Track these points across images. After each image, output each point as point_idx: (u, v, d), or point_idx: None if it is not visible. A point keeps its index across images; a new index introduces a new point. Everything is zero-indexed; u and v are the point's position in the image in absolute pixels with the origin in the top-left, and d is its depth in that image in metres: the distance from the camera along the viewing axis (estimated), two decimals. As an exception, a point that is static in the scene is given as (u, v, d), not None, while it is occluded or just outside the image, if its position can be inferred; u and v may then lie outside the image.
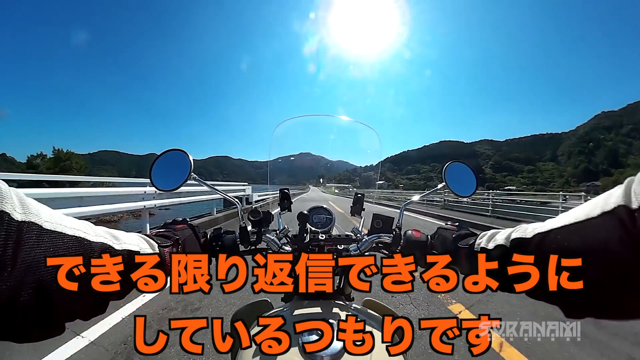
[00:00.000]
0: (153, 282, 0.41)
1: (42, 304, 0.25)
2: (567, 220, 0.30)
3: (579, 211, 0.29)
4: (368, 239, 0.64)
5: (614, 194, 0.26)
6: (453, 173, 0.65)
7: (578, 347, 1.88)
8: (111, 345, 1.77)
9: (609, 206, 0.26)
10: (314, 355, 0.42)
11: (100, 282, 0.30)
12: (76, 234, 0.29)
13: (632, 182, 0.25)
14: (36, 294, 0.24)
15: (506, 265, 0.36)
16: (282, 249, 0.63)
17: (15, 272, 0.22)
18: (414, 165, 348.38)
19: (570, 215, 0.30)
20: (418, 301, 2.58)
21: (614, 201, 0.25)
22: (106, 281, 0.31)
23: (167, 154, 0.62)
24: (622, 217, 0.24)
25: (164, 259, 0.44)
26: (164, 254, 0.44)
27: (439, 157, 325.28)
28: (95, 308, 0.32)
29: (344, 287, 0.75)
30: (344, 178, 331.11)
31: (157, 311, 2.27)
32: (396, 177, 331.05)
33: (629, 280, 0.25)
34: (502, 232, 0.41)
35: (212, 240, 0.58)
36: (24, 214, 0.24)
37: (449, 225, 0.58)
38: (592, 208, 0.27)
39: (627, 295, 0.25)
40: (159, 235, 0.49)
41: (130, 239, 0.38)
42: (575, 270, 0.28)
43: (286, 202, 0.77)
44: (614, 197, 0.26)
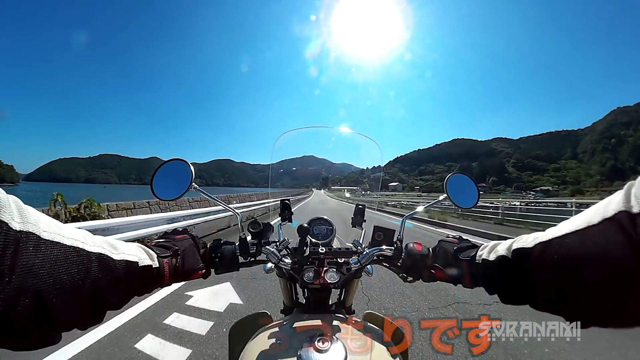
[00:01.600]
0: (150, 292, 0.43)
1: (39, 312, 0.25)
2: (568, 228, 0.30)
3: (580, 219, 0.29)
4: (369, 252, 0.64)
5: (614, 199, 0.26)
6: (454, 184, 0.66)
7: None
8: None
9: (609, 212, 0.26)
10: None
11: (97, 292, 0.31)
12: (74, 244, 0.30)
13: (633, 186, 0.25)
14: (34, 302, 0.25)
15: (509, 276, 0.37)
16: (281, 261, 0.65)
17: (13, 281, 0.23)
18: (427, 165, 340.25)
19: (571, 224, 0.30)
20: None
21: (615, 207, 0.26)
22: (104, 291, 0.32)
23: (169, 163, 0.64)
24: (623, 223, 0.24)
25: (163, 270, 0.45)
26: (162, 265, 0.45)
27: (454, 156, 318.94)
28: (93, 318, 0.33)
29: (344, 300, 0.76)
30: (351, 180, 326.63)
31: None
32: (409, 177, 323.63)
33: (633, 287, 0.25)
34: (503, 243, 0.42)
35: (212, 251, 0.60)
36: (22, 223, 0.24)
37: (450, 237, 0.59)
38: (593, 215, 0.28)
39: (631, 302, 0.26)
40: (159, 245, 0.50)
41: (128, 249, 0.39)
42: (577, 279, 0.28)
43: (287, 213, 0.78)
44: (614, 203, 0.26)
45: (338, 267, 0.63)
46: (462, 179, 0.68)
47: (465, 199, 0.66)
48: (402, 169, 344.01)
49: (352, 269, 0.63)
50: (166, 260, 0.47)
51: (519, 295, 0.37)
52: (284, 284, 0.76)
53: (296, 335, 0.52)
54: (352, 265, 0.64)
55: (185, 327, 2.25)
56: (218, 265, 0.60)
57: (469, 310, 2.62)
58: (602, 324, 0.28)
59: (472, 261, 0.48)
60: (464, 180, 0.68)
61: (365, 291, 3.03)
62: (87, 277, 0.30)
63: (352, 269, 0.63)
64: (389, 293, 3.04)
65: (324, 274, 0.60)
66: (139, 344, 2.01)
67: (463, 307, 2.71)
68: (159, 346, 1.98)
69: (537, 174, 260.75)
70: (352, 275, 0.66)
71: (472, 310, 2.65)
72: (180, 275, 0.51)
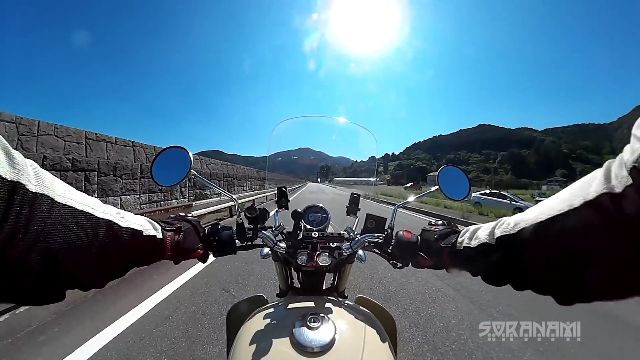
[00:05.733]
0: (150, 264, 0.50)
1: (48, 269, 0.29)
2: (549, 212, 0.32)
3: (559, 201, 0.31)
4: (360, 238, 0.71)
5: (594, 181, 0.28)
6: (446, 177, 0.73)
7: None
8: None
9: (590, 195, 0.28)
10: (305, 346, 0.48)
11: (103, 256, 0.36)
12: (85, 209, 0.34)
13: (612, 165, 0.27)
14: (44, 260, 0.28)
15: (491, 261, 0.41)
16: (277, 245, 0.72)
17: (26, 238, 0.26)
18: (456, 152, 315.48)
19: (552, 207, 0.32)
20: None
21: (595, 189, 0.27)
22: (109, 255, 0.37)
23: (168, 150, 0.70)
24: (604, 206, 0.26)
25: (165, 242, 0.50)
26: (165, 237, 0.50)
27: (485, 142, 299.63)
28: (96, 280, 0.37)
29: (337, 284, 0.84)
30: (360, 170, 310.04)
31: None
32: (431, 166, 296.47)
33: (617, 265, 0.27)
34: (483, 229, 0.45)
35: (210, 235, 0.66)
36: (38, 186, 0.28)
37: (432, 224, 0.65)
38: (573, 198, 0.30)
39: (616, 279, 0.28)
40: (164, 222, 0.56)
41: (135, 219, 0.44)
42: (560, 263, 0.31)
43: (283, 200, 0.86)
44: (594, 185, 0.28)
45: (330, 251, 0.70)
46: (453, 172, 0.74)
47: (457, 191, 0.73)
48: (418, 157, 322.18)
49: (344, 253, 0.71)
50: (169, 233, 0.52)
51: (501, 278, 0.40)
52: (279, 268, 0.84)
53: (289, 315, 0.59)
54: (344, 250, 0.71)
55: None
56: (216, 248, 0.65)
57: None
58: (589, 300, 0.31)
59: (453, 248, 0.53)
60: (455, 172, 0.74)
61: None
62: (95, 240, 0.34)
63: (344, 254, 0.71)
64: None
65: (316, 258, 0.68)
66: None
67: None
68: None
69: (590, 165, 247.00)
70: (345, 260, 0.74)
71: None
72: (180, 251, 0.55)
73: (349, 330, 0.54)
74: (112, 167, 6.54)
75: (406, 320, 2.44)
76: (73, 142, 5.90)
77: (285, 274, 0.85)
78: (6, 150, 0.26)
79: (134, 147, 7.69)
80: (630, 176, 0.25)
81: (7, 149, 0.26)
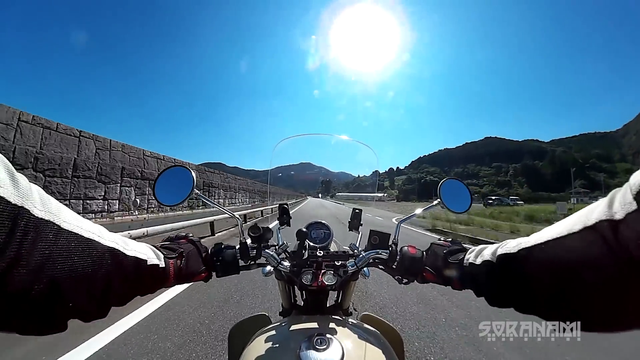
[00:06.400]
0: (153, 292, 0.50)
1: (51, 298, 0.28)
2: (549, 235, 0.33)
3: (562, 226, 0.32)
4: (365, 255, 0.71)
5: (597, 208, 0.29)
6: (448, 190, 0.74)
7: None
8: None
9: (590, 221, 0.29)
10: None
11: (107, 285, 0.35)
12: (91, 237, 0.33)
13: (617, 193, 0.27)
14: (47, 288, 0.28)
15: (494, 280, 0.42)
16: (280, 264, 0.72)
17: (30, 266, 0.25)
18: (465, 166, 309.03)
19: (554, 230, 0.33)
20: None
21: (596, 216, 0.28)
22: (113, 285, 0.36)
23: (170, 170, 0.71)
24: (603, 232, 0.27)
25: (168, 270, 0.51)
26: (168, 265, 0.51)
27: (494, 155, 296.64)
28: (98, 310, 0.36)
29: (341, 302, 0.83)
30: (364, 184, 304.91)
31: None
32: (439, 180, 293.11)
33: (614, 293, 0.27)
34: (489, 248, 0.46)
35: (213, 255, 0.66)
36: (44, 211, 0.28)
37: (441, 241, 0.65)
38: (575, 223, 0.31)
39: (612, 307, 0.28)
40: (165, 247, 0.56)
41: (139, 247, 0.44)
42: (558, 285, 0.31)
43: (285, 217, 0.87)
44: (596, 212, 0.29)
45: (335, 269, 0.70)
46: (455, 184, 0.75)
47: (458, 204, 0.74)
48: (429, 171, 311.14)
49: (349, 271, 0.70)
50: (172, 261, 0.53)
51: (504, 299, 0.41)
52: (282, 287, 0.84)
53: (295, 336, 0.58)
54: (349, 268, 0.71)
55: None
56: (219, 269, 0.66)
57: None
58: (585, 329, 0.32)
59: (460, 264, 0.53)
60: (457, 185, 0.75)
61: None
62: (100, 269, 0.34)
63: (349, 272, 0.70)
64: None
65: (321, 277, 0.68)
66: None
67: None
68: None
69: (606, 175, 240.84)
70: (349, 278, 0.74)
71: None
72: (183, 277, 0.56)
73: (356, 350, 0.53)
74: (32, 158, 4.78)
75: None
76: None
77: (289, 292, 0.84)
78: (10, 173, 0.25)
79: (81, 138, 6.14)
80: (636, 201, 0.25)
81: (12, 171, 0.25)
